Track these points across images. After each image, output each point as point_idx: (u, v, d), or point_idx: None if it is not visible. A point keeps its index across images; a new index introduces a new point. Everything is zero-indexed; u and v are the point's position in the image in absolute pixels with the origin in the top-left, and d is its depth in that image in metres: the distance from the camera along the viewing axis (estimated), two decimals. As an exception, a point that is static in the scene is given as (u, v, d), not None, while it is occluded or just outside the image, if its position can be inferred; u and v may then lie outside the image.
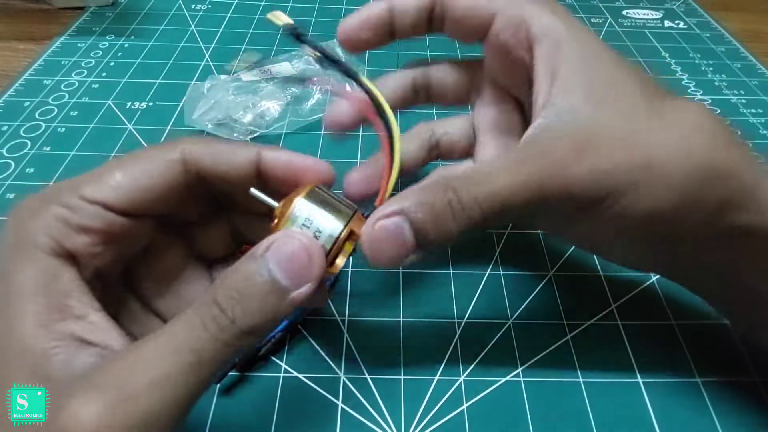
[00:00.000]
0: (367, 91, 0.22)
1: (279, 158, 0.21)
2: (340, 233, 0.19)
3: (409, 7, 0.24)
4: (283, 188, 0.21)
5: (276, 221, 0.19)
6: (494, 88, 0.26)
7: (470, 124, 0.27)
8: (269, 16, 0.22)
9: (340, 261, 0.20)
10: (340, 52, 0.46)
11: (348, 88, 0.22)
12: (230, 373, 0.25)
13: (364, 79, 0.22)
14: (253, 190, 0.20)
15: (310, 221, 0.19)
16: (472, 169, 0.20)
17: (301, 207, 0.19)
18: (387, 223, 0.19)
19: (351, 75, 0.22)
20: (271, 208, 0.20)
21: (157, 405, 0.15)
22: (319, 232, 0.19)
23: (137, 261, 0.21)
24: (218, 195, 0.22)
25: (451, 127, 0.27)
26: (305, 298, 0.17)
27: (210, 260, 0.23)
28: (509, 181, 0.19)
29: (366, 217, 0.20)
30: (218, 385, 0.25)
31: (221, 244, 0.23)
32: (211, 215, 0.23)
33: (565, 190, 0.19)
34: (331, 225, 0.19)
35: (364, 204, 0.21)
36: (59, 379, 0.16)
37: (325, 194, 0.20)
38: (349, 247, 0.20)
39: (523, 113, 0.26)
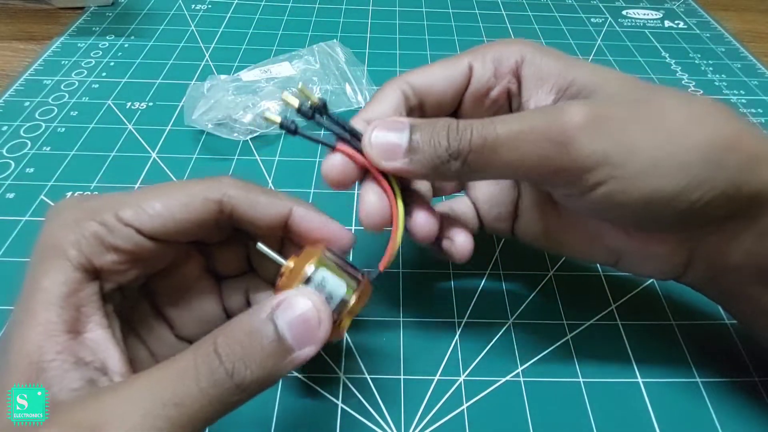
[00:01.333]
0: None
1: (310, 219, 0.21)
2: (351, 300, 0.20)
3: (385, 117, 0.23)
4: (300, 243, 0.22)
5: (283, 278, 0.20)
6: None
7: None
8: (283, 97, 0.22)
9: (346, 324, 0.20)
10: (341, 53, 0.46)
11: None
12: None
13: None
14: (260, 246, 0.21)
15: (322, 286, 0.19)
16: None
17: (316, 270, 0.19)
18: (390, 127, 0.20)
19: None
20: (278, 265, 0.20)
21: None
22: (331, 297, 0.19)
23: (156, 272, 0.22)
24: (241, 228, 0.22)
25: None
26: (306, 360, 0.17)
27: (223, 276, 0.24)
28: (507, 122, 0.19)
29: (373, 282, 0.21)
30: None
31: (236, 264, 0.24)
32: (230, 238, 0.23)
33: (562, 135, 0.18)
34: (342, 291, 0.20)
35: (370, 271, 0.22)
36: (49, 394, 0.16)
37: (335, 258, 0.21)
38: (356, 309, 0.20)
39: None
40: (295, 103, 0.22)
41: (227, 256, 0.23)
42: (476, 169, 0.20)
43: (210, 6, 0.56)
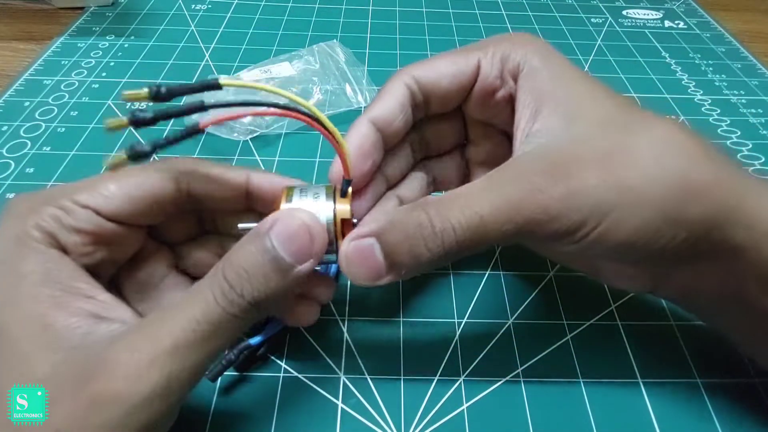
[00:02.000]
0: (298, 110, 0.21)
1: (269, 181, 0.22)
2: (333, 212, 0.20)
3: (391, 115, 0.23)
4: (270, 208, 0.22)
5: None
6: (481, 126, 0.26)
7: (463, 162, 0.28)
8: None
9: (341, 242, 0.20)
10: (341, 53, 0.46)
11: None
12: (230, 373, 0.25)
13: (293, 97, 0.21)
14: (241, 225, 0.21)
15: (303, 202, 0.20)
16: (449, 192, 0.20)
17: (291, 195, 0.21)
18: (360, 244, 0.19)
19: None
20: None
21: (179, 366, 0.17)
22: (316, 205, 0.20)
23: (124, 265, 0.22)
24: (206, 216, 0.23)
25: (444, 169, 0.28)
26: (308, 272, 0.19)
27: (198, 273, 0.24)
28: (485, 204, 0.19)
29: (343, 194, 0.21)
30: (218, 385, 0.25)
31: (208, 265, 0.23)
32: (199, 235, 0.24)
33: (542, 214, 0.18)
34: (322, 209, 0.20)
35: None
36: (88, 346, 0.17)
37: (299, 189, 0.21)
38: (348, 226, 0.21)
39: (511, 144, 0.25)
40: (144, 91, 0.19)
41: (198, 255, 0.24)
42: (464, 255, 0.19)
43: (210, 6, 0.56)
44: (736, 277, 0.20)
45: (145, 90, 0.19)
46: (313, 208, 0.20)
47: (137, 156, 0.18)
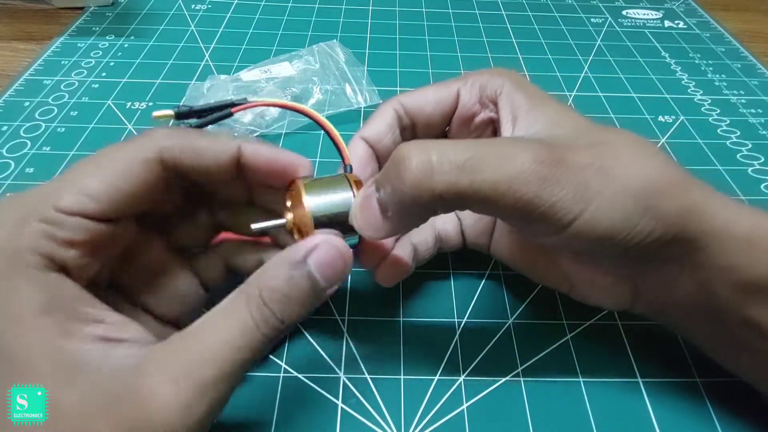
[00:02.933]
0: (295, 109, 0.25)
1: (260, 153, 0.21)
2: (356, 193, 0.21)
3: (381, 134, 0.26)
4: (263, 181, 0.22)
5: (298, 231, 0.21)
6: None
7: None
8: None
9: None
10: (341, 53, 0.46)
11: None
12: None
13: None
14: (254, 226, 0.21)
15: (331, 213, 0.21)
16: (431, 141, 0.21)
17: (317, 207, 0.21)
18: (365, 193, 0.21)
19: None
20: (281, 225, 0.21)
21: (220, 397, 0.17)
22: (342, 212, 0.21)
23: (119, 260, 0.21)
24: (195, 188, 0.22)
25: None
26: (332, 294, 0.20)
27: (190, 251, 0.24)
28: (463, 151, 0.19)
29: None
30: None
31: (201, 235, 0.24)
32: (188, 207, 0.23)
33: (537, 181, 0.19)
34: (346, 202, 0.21)
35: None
36: (112, 371, 0.16)
37: (316, 182, 0.22)
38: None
39: None
40: (170, 111, 0.24)
41: (189, 227, 0.23)
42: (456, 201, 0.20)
43: (210, 6, 0.56)
44: (705, 288, 0.21)
45: (171, 111, 0.23)
46: (337, 200, 0.21)
47: (181, 115, 0.22)
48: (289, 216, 0.21)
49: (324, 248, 0.19)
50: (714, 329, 0.22)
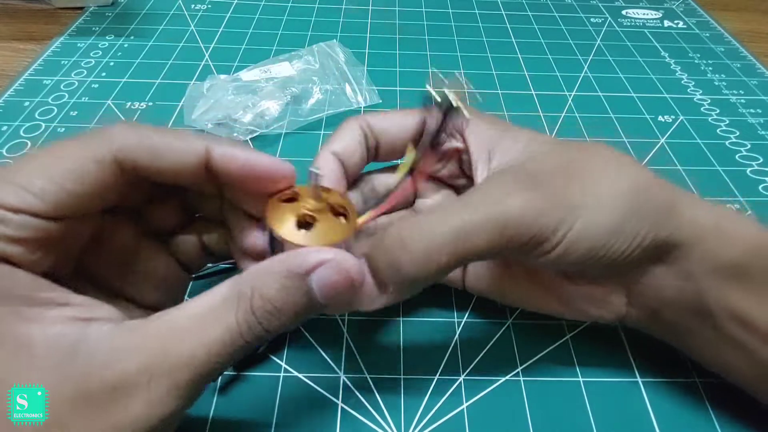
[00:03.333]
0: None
1: (234, 157, 0.19)
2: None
3: (350, 148, 0.25)
4: (238, 187, 0.20)
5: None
6: (429, 182, 0.27)
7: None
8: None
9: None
10: (340, 53, 0.46)
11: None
12: (229, 373, 0.25)
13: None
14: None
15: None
16: (425, 212, 0.22)
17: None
18: (348, 268, 0.18)
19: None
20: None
21: (195, 392, 0.16)
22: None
23: (86, 249, 0.20)
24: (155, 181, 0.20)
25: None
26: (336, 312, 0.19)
27: (164, 232, 0.23)
28: (466, 214, 0.19)
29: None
30: (218, 385, 0.25)
31: (174, 218, 0.23)
32: (158, 193, 0.22)
33: (520, 220, 0.20)
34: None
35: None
36: (87, 355, 0.16)
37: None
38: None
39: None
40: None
41: (161, 212, 0.22)
42: (449, 266, 0.20)
43: (210, 6, 0.56)
44: (691, 280, 0.22)
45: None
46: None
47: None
48: (282, 231, 0.19)
49: (333, 268, 0.17)
50: (705, 328, 0.22)
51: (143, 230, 0.22)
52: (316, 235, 0.19)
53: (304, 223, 0.20)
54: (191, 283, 0.25)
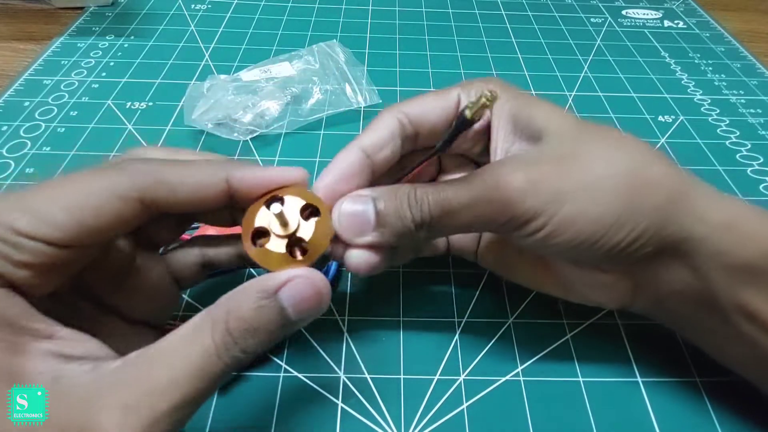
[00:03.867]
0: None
1: (250, 177, 0.20)
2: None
3: (381, 143, 0.24)
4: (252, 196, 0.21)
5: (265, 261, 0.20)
6: (455, 158, 0.28)
7: None
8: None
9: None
10: (340, 53, 0.46)
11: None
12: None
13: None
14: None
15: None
16: (434, 182, 0.23)
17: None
18: (356, 202, 0.21)
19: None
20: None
21: (175, 426, 0.16)
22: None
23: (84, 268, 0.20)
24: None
25: None
26: (304, 325, 0.19)
27: (159, 246, 0.23)
28: (454, 187, 0.21)
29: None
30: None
31: (171, 232, 0.23)
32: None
33: (501, 198, 0.20)
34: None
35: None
36: (64, 394, 0.16)
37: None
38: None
39: None
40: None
41: (158, 229, 0.22)
42: (438, 233, 0.22)
43: (210, 6, 0.56)
44: (700, 275, 0.21)
45: None
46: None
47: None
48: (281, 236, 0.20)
49: (300, 282, 0.18)
50: (712, 320, 0.22)
51: (139, 245, 0.22)
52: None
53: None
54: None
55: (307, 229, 0.21)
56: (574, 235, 0.21)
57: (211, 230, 0.25)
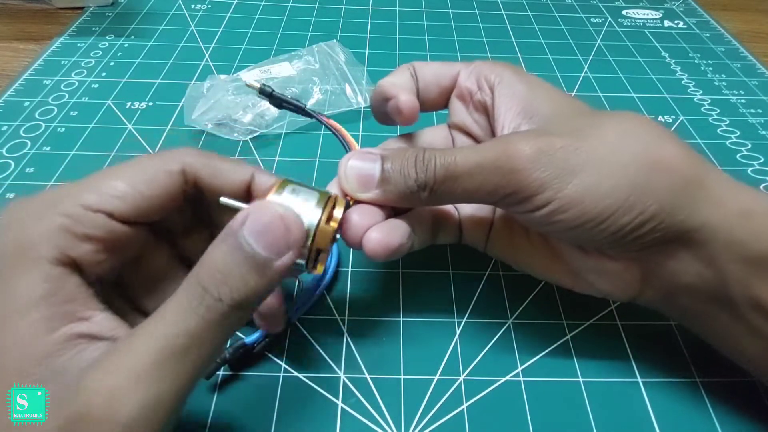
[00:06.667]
0: (330, 127, 0.26)
1: (269, 182, 0.22)
2: (319, 220, 0.20)
3: (411, 87, 0.27)
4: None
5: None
6: (464, 140, 0.28)
7: None
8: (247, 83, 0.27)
9: (325, 239, 0.20)
10: (341, 53, 0.46)
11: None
12: (229, 373, 0.25)
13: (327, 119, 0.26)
14: (223, 199, 0.20)
15: (296, 193, 0.20)
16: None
17: (281, 191, 0.20)
18: (363, 158, 0.22)
19: (313, 116, 0.27)
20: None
21: (163, 386, 0.16)
22: (301, 214, 0.19)
23: (128, 264, 0.21)
24: (202, 207, 0.23)
25: None
26: (289, 265, 0.18)
27: (192, 262, 0.24)
28: (463, 152, 0.21)
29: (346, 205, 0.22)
30: (218, 385, 0.25)
31: (203, 247, 0.24)
32: (194, 225, 0.23)
33: (508, 166, 0.20)
34: (309, 215, 0.20)
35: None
36: (66, 372, 0.16)
37: (292, 187, 0.20)
38: (331, 226, 0.20)
39: None
40: (256, 85, 0.26)
41: (193, 242, 0.23)
42: (441, 197, 0.22)
43: (210, 6, 0.56)
44: (712, 267, 0.21)
45: (258, 85, 0.27)
46: (298, 209, 0.19)
47: (264, 92, 0.26)
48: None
49: (257, 213, 0.18)
50: (723, 315, 0.22)
51: (175, 256, 0.23)
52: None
53: None
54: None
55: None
56: (579, 214, 0.20)
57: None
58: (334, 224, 0.20)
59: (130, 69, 0.46)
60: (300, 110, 0.27)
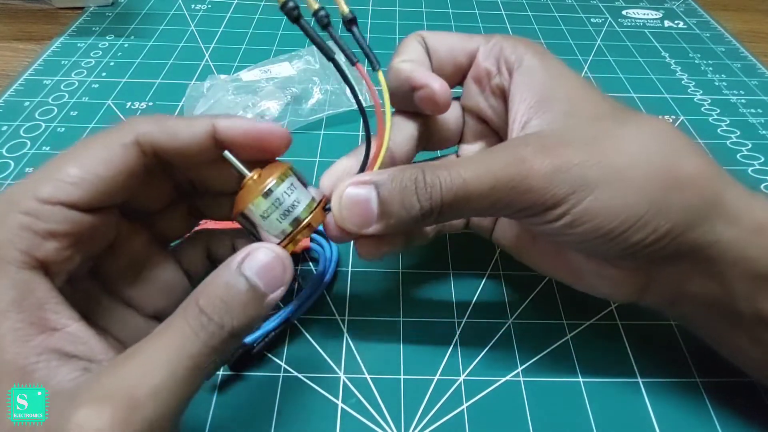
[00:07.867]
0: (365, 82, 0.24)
1: (236, 126, 0.20)
2: (306, 220, 0.20)
3: (423, 61, 0.25)
4: (244, 156, 0.21)
5: (244, 190, 0.20)
6: (475, 124, 0.27)
7: None
8: None
9: (300, 239, 0.20)
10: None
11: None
12: (229, 373, 0.25)
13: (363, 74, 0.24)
14: (227, 153, 0.20)
15: (279, 202, 0.20)
16: (444, 159, 0.21)
17: (276, 185, 0.20)
18: (358, 190, 0.20)
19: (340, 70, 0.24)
20: (241, 176, 0.20)
21: (160, 411, 0.16)
22: (287, 212, 0.20)
23: (102, 253, 0.21)
24: (179, 178, 0.22)
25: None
26: (278, 299, 0.19)
27: (170, 240, 0.24)
28: (472, 169, 0.20)
29: (327, 210, 0.21)
30: (218, 385, 0.25)
31: (181, 225, 0.24)
32: (170, 199, 0.23)
33: (522, 183, 0.19)
34: (299, 209, 0.20)
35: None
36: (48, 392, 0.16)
37: (297, 178, 0.21)
38: (307, 232, 0.21)
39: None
40: None
41: (170, 218, 0.23)
42: (448, 218, 0.21)
43: (210, 6, 0.56)
44: (719, 280, 0.20)
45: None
46: (293, 203, 0.20)
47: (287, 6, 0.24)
48: (255, 175, 0.20)
49: (259, 252, 0.18)
50: (726, 323, 0.22)
51: (153, 238, 0.23)
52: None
53: None
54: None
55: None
56: (593, 228, 0.20)
57: (211, 224, 0.26)
58: (291, 247, 0.20)
59: (130, 69, 0.46)
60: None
